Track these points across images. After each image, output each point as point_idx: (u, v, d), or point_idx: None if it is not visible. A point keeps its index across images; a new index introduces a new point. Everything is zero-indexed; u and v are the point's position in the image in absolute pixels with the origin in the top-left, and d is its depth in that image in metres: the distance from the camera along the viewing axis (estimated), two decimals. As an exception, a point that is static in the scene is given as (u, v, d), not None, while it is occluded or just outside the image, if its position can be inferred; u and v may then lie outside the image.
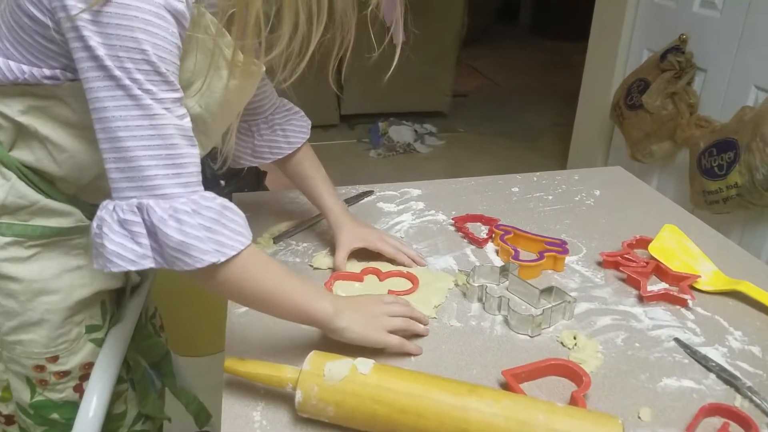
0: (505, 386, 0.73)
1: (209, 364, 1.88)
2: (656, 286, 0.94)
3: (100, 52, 0.59)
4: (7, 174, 0.73)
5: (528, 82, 4.98)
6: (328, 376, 0.68)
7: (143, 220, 0.63)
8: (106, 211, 0.64)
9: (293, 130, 1.00)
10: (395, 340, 0.78)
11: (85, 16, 0.58)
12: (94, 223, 0.65)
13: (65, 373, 0.84)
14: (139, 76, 0.60)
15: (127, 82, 0.60)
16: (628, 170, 1.38)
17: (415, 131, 3.71)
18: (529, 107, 4.37)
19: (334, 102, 3.61)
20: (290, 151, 1.00)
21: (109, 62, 0.59)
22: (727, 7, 1.98)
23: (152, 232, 0.63)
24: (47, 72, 0.67)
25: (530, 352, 0.80)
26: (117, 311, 0.90)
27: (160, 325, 1.11)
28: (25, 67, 0.67)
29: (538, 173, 1.34)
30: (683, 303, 0.89)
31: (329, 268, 0.98)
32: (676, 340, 0.82)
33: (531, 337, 0.83)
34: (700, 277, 0.93)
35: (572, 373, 0.75)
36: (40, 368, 0.82)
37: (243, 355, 0.77)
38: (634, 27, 2.48)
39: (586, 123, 2.87)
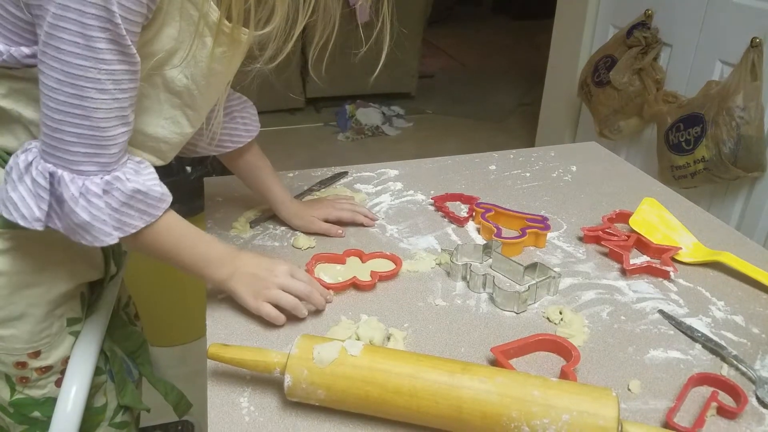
0: (495, 363, 0.73)
1: (182, 354, 1.86)
2: (638, 259, 0.94)
3: (59, 11, 0.56)
4: None
5: (493, 61, 4.99)
6: (317, 359, 0.66)
7: (51, 188, 0.64)
8: (24, 158, 0.65)
9: (250, 118, 0.97)
10: (269, 311, 0.78)
11: None
12: (10, 162, 0.66)
13: (47, 369, 0.82)
14: (95, 32, 0.58)
15: (75, 39, 0.58)
16: (599, 144, 1.38)
17: (383, 113, 3.69)
18: (495, 87, 4.38)
19: (299, 85, 3.55)
20: (249, 140, 0.97)
21: (69, 14, 0.57)
22: (692, -19, 2.00)
23: (59, 201, 0.65)
24: (26, 51, 0.64)
25: (517, 329, 0.80)
26: (92, 302, 0.88)
27: (135, 314, 1.09)
28: (2, 47, 0.64)
29: (514, 150, 1.34)
30: (665, 275, 0.89)
31: (310, 248, 0.97)
32: (661, 312, 0.83)
33: (517, 313, 0.82)
34: (681, 249, 0.94)
35: (561, 347, 0.75)
36: (22, 365, 0.80)
37: (225, 340, 0.76)
38: (599, 3, 2.49)
39: (553, 102, 2.89)
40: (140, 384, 1.04)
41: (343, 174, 1.22)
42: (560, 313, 0.82)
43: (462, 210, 1.09)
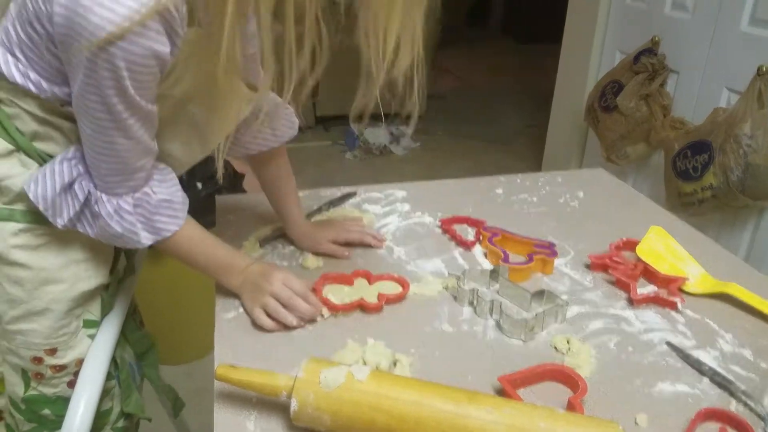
0: (502, 392, 0.72)
1: (188, 371, 1.86)
2: (645, 288, 0.94)
3: (85, 78, 0.65)
4: (29, 163, 0.77)
5: (501, 83, 5.02)
6: (324, 383, 0.66)
7: (86, 202, 0.76)
8: (72, 166, 0.75)
9: (282, 124, 0.98)
10: (258, 316, 0.83)
11: (85, 53, 0.62)
12: (59, 156, 0.75)
13: (61, 368, 0.85)
14: (114, 100, 0.66)
15: (99, 106, 0.67)
16: (606, 171, 1.39)
17: (391, 133, 3.70)
18: (502, 109, 4.40)
19: (309, 104, 3.58)
20: (276, 145, 0.98)
21: (88, 90, 0.66)
22: (698, 9, 2.02)
23: (95, 216, 0.76)
24: (67, 89, 0.71)
25: (524, 357, 0.79)
26: (108, 306, 0.91)
27: (140, 320, 1.11)
28: (45, 85, 0.72)
29: (521, 175, 1.34)
30: (673, 306, 0.89)
31: (318, 267, 0.97)
32: (668, 343, 0.82)
33: (524, 341, 0.82)
34: (688, 279, 0.94)
35: (568, 378, 0.74)
36: (38, 360, 0.83)
37: (233, 361, 0.75)
38: (606, 29, 2.51)
39: (560, 125, 2.89)
40: (141, 388, 1.05)
41: (352, 194, 1.22)
42: (568, 342, 0.81)
43: (469, 233, 1.09)
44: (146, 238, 0.78)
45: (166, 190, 0.79)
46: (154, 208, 0.78)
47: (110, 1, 0.59)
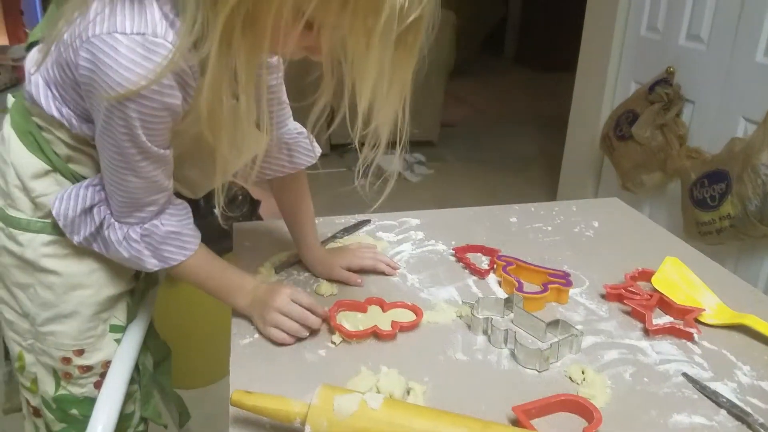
0: (516, 423, 0.72)
1: (201, 396, 1.86)
2: (661, 319, 0.93)
3: (103, 123, 0.72)
4: (63, 182, 0.83)
5: (514, 111, 5.04)
6: (337, 411, 0.66)
7: (100, 227, 0.81)
8: (95, 191, 0.81)
9: (300, 152, 1.00)
10: (272, 334, 0.85)
11: (103, 102, 0.68)
12: (86, 182, 0.81)
13: (88, 368, 0.91)
14: (127, 144, 0.72)
15: (113, 149, 0.73)
16: (621, 201, 1.39)
17: (405, 160, 3.72)
18: (516, 136, 4.41)
19: (324, 131, 3.61)
20: (292, 172, 1.00)
21: (104, 134, 0.73)
22: (713, 40, 2.03)
23: (106, 242, 0.82)
24: (94, 128, 0.76)
25: (538, 387, 0.79)
26: (133, 313, 0.96)
27: (157, 331, 1.13)
28: (75, 122, 0.77)
29: (535, 204, 1.34)
30: (689, 337, 0.89)
31: (332, 295, 0.98)
32: (685, 375, 0.82)
33: (539, 371, 0.82)
34: (704, 310, 0.93)
35: (583, 409, 0.74)
36: (67, 360, 0.89)
37: (248, 386, 0.76)
38: (621, 59, 2.53)
39: (575, 153, 2.90)
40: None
41: (366, 222, 1.23)
42: (582, 372, 0.81)
43: (483, 262, 1.10)
44: (152, 265, 0.83)
45: (177, 223, 0.83)
46: (162, 239, 0.82)
47: (128, 62, 0.65)
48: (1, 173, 0.85)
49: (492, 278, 1.04)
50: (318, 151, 1.02)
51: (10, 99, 0.87)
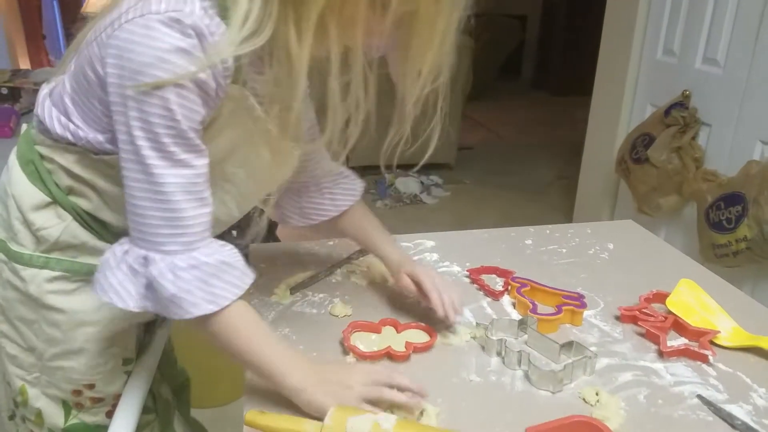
0: (529, 443, 0.72)
1: (215, 416, 1.86)
2: (675, 341, 0.93)
3: (135, 122, 0.65)
4: (64, 215, 0.79)
5: (531, 135, 5.06)
6: (350, 432, 0.67)
7: (144, 271, 0.70)
8: (120, 249, 0.71)
9: (341, 193, 1.00)
10: (389, 394, 0.75)
11: (130, 92, 0.64)
12: (106, 254, 0.72)
13: (100, 399, 0.88)
14: (166, 140, 0.66)
15: (147, 152, 0.66)
16: (636, 223, 1.39)
17: (422, 183, 3.75)
18: (533, 160, 4.42)
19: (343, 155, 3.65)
20: (336, 214, 1.01)
21: (138, 132, 0.65)
22: (729, 63, 2.03)
23: (148, 282, 0.70)
24: (100, 137, 0.73)
25: (552, 409, 0.79)
26: (145, 344, 0.93)
27: (174, 359, 1.14)
28: (82, 134, 0.74)
29: (550, 226, 1.35)
30: (704, 359, 0.88)
31: (346, 316, 0.99)
32: (699, 397, 0.81)
33: (552, 393, 0.82)
34: (719, 332, 0.93)
35: (596, 430, 0.74)
36: (78, 393, 0.86)
37: (262, 407, 0.77)
38: (637, 82, 2.53)
39: (591, 176, 2.90)
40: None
41: (382, 244, 1.24)
42: (596, 394, 0.81)
43: (497, 283, 1.10)
44: (198, 306, 0.69)
45: (228, 253, 0.73)
46: (214, 269, 0.70)
47: (164, 44, 0.62)
48: (3, 204, 0.82)
49: (506, 300, 1.05)
50: (360, 185, 1.02)
51: (23, 127, 0.86)
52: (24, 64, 3.80)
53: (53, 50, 4.33)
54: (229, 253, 0.73)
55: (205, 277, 0.69)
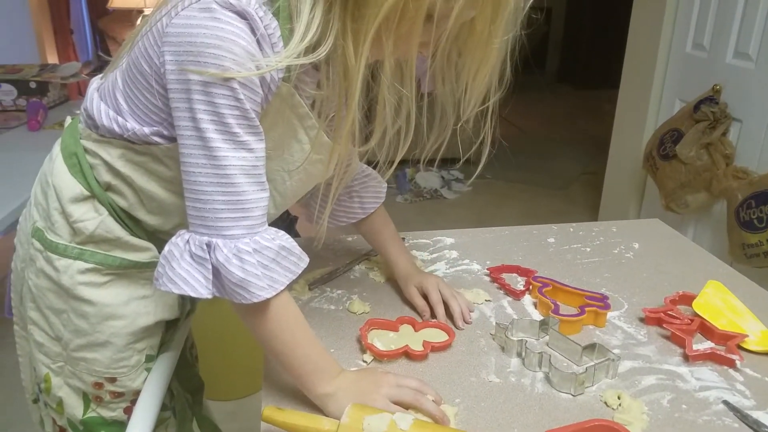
0: (549, 447, 0.71)
1: (234, 409, 1.88)
2: (702, 344, 0.91)
3: (198, 105, 0.65)
4: (101, 209, 0.81)
5: (556, 129, 5.00)
6: (366, 430, 0.66)
7: (210, 257, 0.69)
8: (181, 239, 0.71)
9: (369, 196, 1.03)
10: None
11: (193, 77, 0.64)
12: (167, 247, 0.72)
13: (120, 394, 0.89)
14: (231, 120, 0.66)
15: (212, 135, 0.66)
16: (663, 220, 1.36)
17: (442, 177, 3.73)
18: (557, 154, 4.37)
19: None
20: (364, 216, 1.04)
21: (202, 115, 0.66)
22: (762, 58, 1.98)
23: (216, 268, 0.69)
24: (147, 130, 0.74)
25: (573, 412, 0.77)
26: (166, 340, 0.94)
27: (195, 355, 1.14)
28: (129, 125, 0.75)
29: (574, 224, 1.32)
30: (731, 363, 0.86)
31: (364, 313, 0.98)
32: (725, 402, 0.79)
33: (573, 396, 0.80)
34: (747, 336, 0.90)
35: (618, 435, 0.72)
36: (99, 385, 0.87)
37: (279, 402, 0.76)
38: (665, 77, 2.48)
39: (618, 172, 2.85)
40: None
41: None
42: (618, 397, 0.79)
43: (519, 282, 1.08)
44: (264, 290, 0.70)
45: (286, 238, 0.74)
46: (274, 254, 0.71)
47: (226, 32, 0.63)
48: (44, 194, 0.84)
49: (527, 299, 1.03)
50: (384, 187, 1.05)
51: (68, 120, 0.87)
52: (52, 58, 3.85)
53: (81, 45, 4.38)
54: (287, 238, 0.74)
55: (266, 262, 0.70)
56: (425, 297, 0.98)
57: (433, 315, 0.97)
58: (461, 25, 0.70)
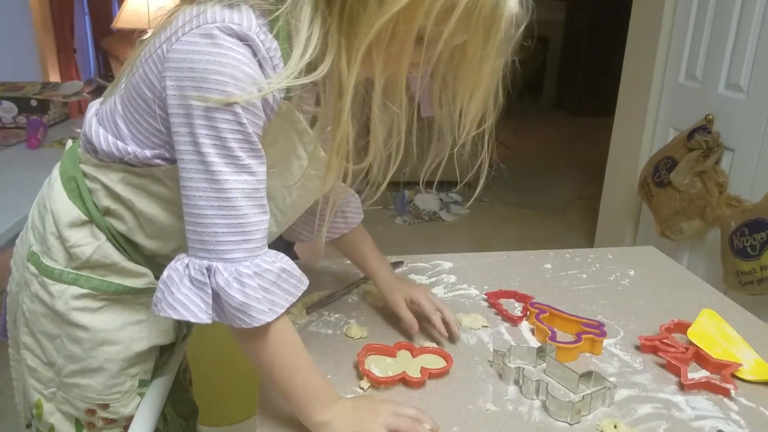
0: (545, 476, 0.71)
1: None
2: (696, 373, 0.91)
3: (201, 130, 0.66)
4: (99, 234, 0.81)
5: (552, 155, 5.04)
6: (364, 459, 0.67)
7: (209, 281, 0.69)
8: (180, 264, 0.70)
9: (351, 211, 1.05)
10: None
11: (195, 102, 0.65)
12: (166, 272, 0.71)
13: (112, 421, 0.88)
14: (233, 144, 0.66)
15: (213, 159, 0.66)
16: (658, 246, 1.37)
17: (441, 200, 3.74)
18: (554, 180, 4.40)
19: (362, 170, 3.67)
20: (347, 231, 1.05)
21: (204, 139, 0.66)
22: (753, 89, 2.01)
23: (216, 292, 0.69)
24: (148, 153, 0.74)
25: (569, 440, 0.78)
26: (160, 365, 0.93)
27: (189, 380, 1.13)
28: (130, 149, 0.75)
29: (570, 250, 1.34)
30: (726, 393, 0.86)
31: (362, 338, 0.98)
32: (721, 432, 0.80)
33: (570, 424, 0.81)
34: (741, 365, 0.91)
35: (614, 464, 0.73)
36: (91, 412, 0.87)
37: (274, 427, 0.77)
38: (659, 106, 2.52)
39: (613, 198, 2.87)
40: None
41: (399, 264, 1.24)
42: (615, 426, 0.79)
43: (516, 308, 1.09)
44: (264, 313, 0.69)
45: (286, 260, 0.73)
46: (275, 276, 0.71)
47: (227, 55, 0.64)
48: (41, 218, 0.83)
49: (525, 326, 1.04)
50: (361, 207, 1.07)
51: (69, 143, 0.88)
52: (54, 77, 3.87)
53: (83, 64, 4.41)
54: (287, 260, 0.73)
55: (266, 285, 0.70)
56: (413, 310, 0.99)
57: (420, 329, 0.98)
58: (453, 49, 0.71)
